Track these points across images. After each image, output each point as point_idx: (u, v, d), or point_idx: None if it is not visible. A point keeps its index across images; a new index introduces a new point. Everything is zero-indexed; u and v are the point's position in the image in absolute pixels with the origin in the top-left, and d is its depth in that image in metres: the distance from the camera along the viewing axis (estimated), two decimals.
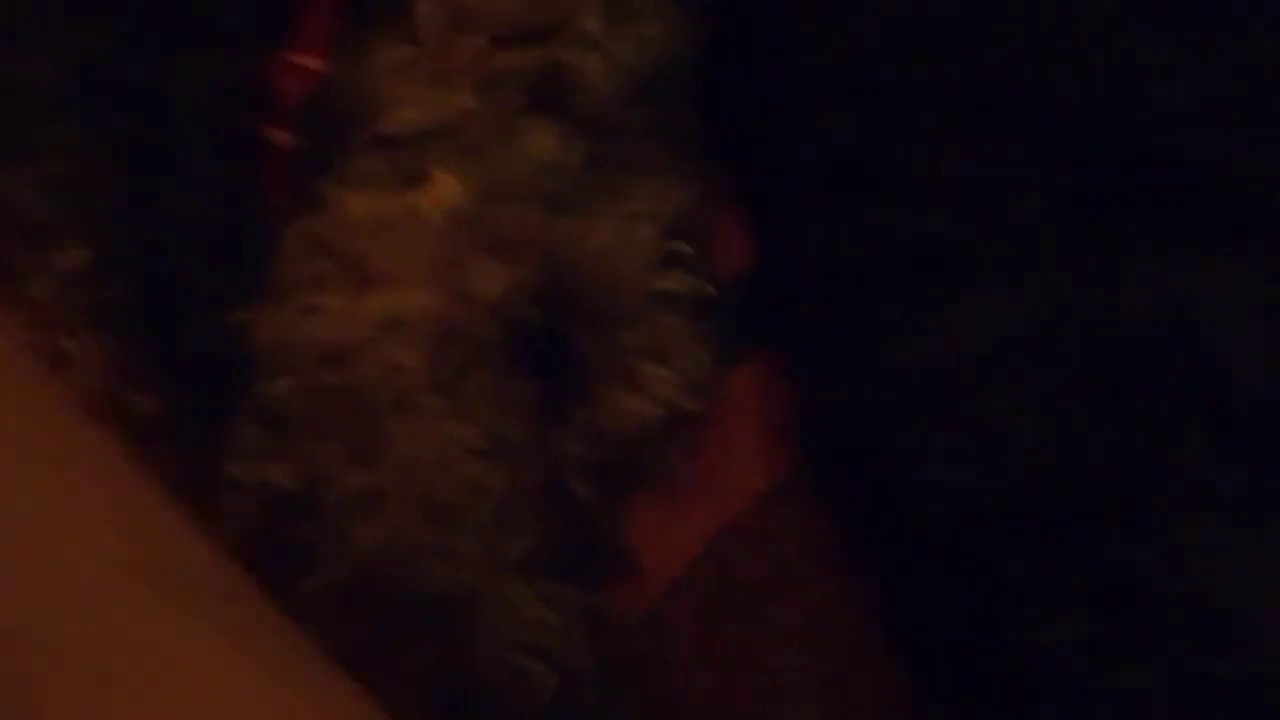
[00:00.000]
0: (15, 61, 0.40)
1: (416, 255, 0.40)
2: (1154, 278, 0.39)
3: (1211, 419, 0.38)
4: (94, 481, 0.37)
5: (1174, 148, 0.40)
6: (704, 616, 0.46)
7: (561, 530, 0.41)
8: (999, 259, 0.40)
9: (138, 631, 0.33)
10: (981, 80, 0.40)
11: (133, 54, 0.41)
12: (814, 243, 0.43)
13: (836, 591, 0.46)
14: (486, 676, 0.39)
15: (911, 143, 0.41)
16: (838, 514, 0.45)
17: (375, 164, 0.41)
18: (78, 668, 0.31)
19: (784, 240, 0.45)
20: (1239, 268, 0.39)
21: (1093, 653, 0.38)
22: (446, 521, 0.39)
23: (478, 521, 0.39)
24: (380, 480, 0.39)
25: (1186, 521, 0.38)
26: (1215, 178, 0.40)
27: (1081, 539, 0.38)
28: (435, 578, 0.39)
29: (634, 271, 0.41)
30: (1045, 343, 0.39)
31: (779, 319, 0.47)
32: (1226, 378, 0.38)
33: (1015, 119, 0.40)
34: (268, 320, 0.41)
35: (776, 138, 0.44)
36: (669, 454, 0.44)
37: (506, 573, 0.40)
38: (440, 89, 0.41)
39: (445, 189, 0.40)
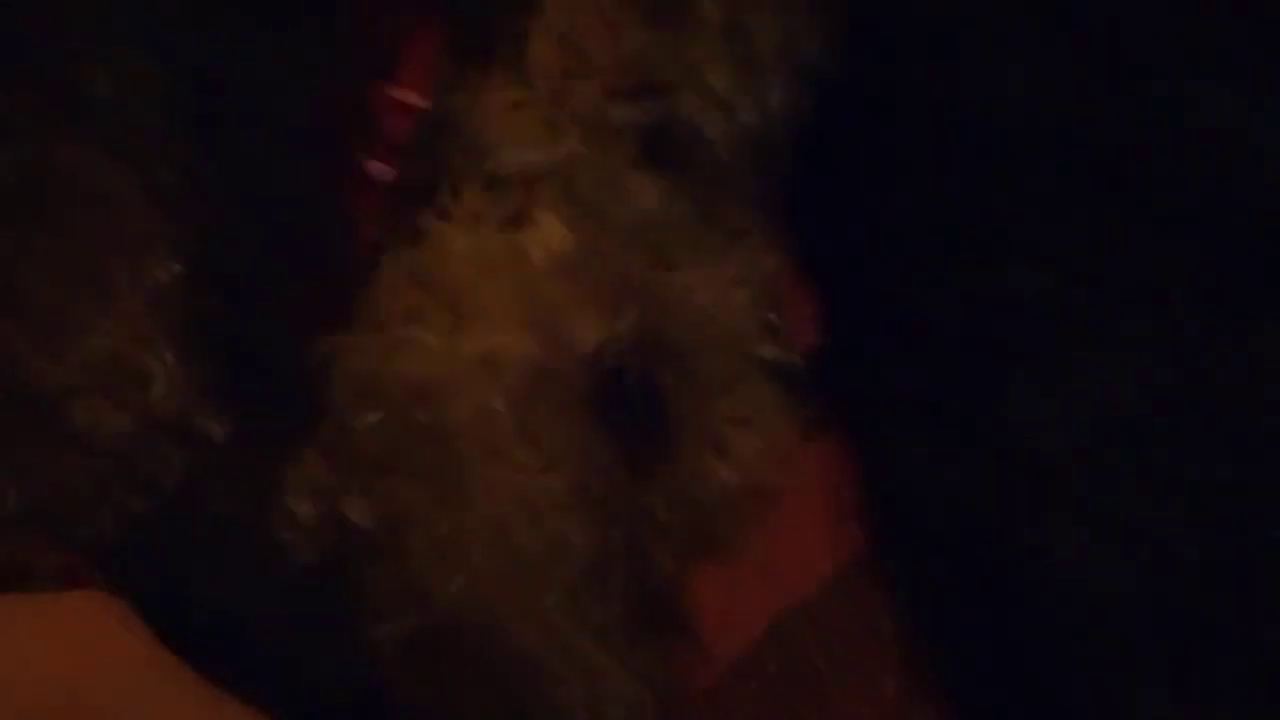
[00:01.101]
0: (131, 69, 0.38)
1: (516, 296, 0.39)
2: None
3: None
4: None
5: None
6: (764, 702, 0.44)
7: (639, 598, 0.39)
8: (1124, 324, 0.39)
9: None
10: (1107, 141, 0.40)
11: (243, 72, 0.40)
12: (916, 308, 0.42)
13: (902, 689, 0.44)
14: None
15: (1027, 203, 0.40)
16: (911, 603, 0.44)
17: (481, 202, 0.40)
18: None
19: (875, 309, 0.44)
20: None
21: None
22: (530, 578, 0.37)
23: (561, 581, 0.37)
24: (466, 527, 0.37)
25: None
26: None
27: (1227, 627, 0.37)
28: (513, 636, 0.37)
29: (732, 336, 0.40)
30: (1177, 414, 0.38)
31: (853, 395, 0.46)
32: None
33: (1139, 183, 0.40)
34: (357, 351, 0.39)
35: (876, 201, 0.44)
36: (742, 527, 0.42)
37: (585, 638, 0.38)
38: (551, 133, 0.40)
39: (551, 232, 0.39)
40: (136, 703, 0.32)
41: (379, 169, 0.41)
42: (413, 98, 0.42)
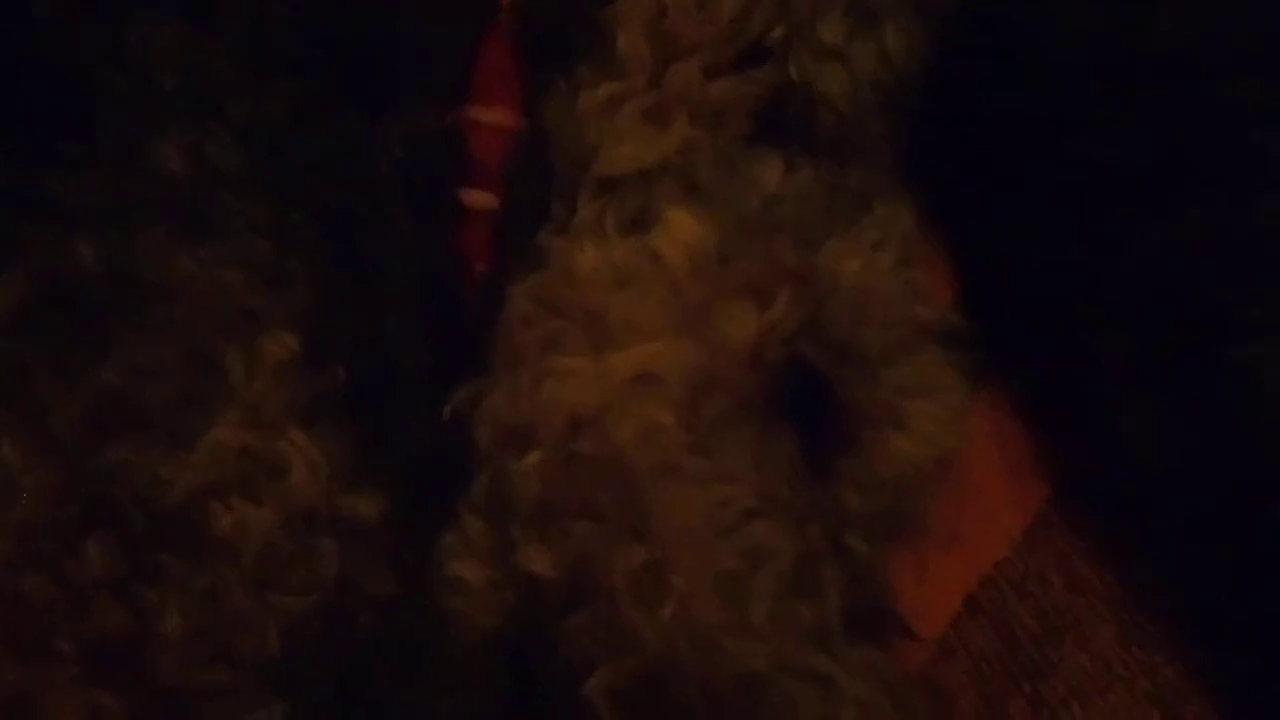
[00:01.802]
0: (200, 137, 0.35)
1: (660, 303, 0.35)
2: None
3: None
4: None
5: None
6: (981, 677, 0.41)
7: (847, 593, 0.36)
8: None
9: None
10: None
11: (318, 123, 0.36)
12: (1128, 242, 0.38)
13: (1123, 631, 0.41)
14: None
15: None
16: (1121, 543, 0.41)
17: (597, 209, 0.36)
18: None
19: (1036, 262, 0.41)
20: None
21: None
22: (735, 593, 0.34)
23: (767, 590, 0.34)
24: (658, 554, 0.34)
25: None
26: None
27: None
28: (732, 656, 0.33)
29: (887, 302, 0.37)
30: None
31: (1018, 348, 0.43)
32: None
33: None
34: (500, 393, 0.36)
35: (1020, 149, 0.40)
36: (929, 498, 0.39)
37: (804, 644, 0.34)
38: (657, 124, 0.37)
39: (683, 227, 0.36)
40: None
41: (478, 198, 0.38)
42: (497, 115, 0.38)
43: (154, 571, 0.34)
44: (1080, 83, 0.38)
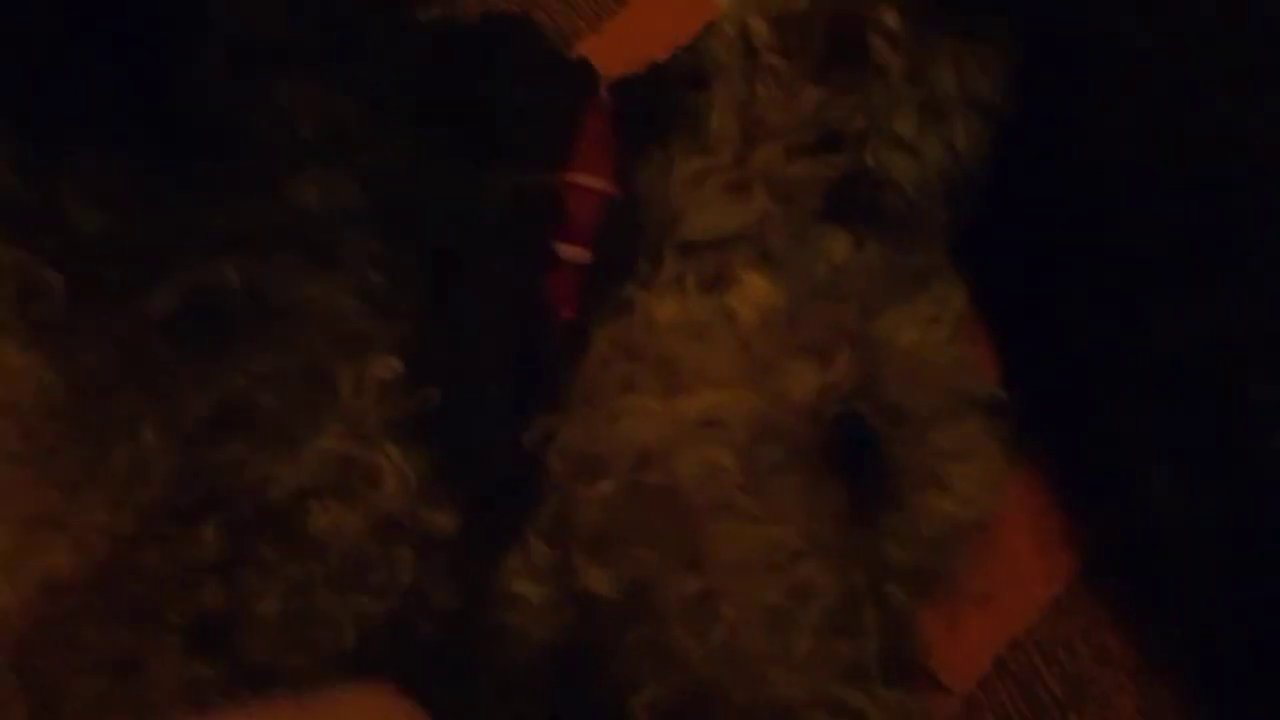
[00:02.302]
0: (330, 178, 0.40)
1: (729, 355, 0.39)
2: None
3: None
4: None
5: None
6: None
7: (882, 637, 0.39)
8: None
9: None
10: None
11: (432, 169, 0.41)
12: (1155, 329, 0.41)
13: (1146, 704, 0.43)
14: None
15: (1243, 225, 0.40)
16: (1148, 616, 0.43)
17: (679, 268, 0.40)
18: None
19: (1072, 341, 0.44)
20: None
21: None
22: (780, 625, 0.37)
23: (810, 626, 0.37)
24: (712, 584, 0.37)
25: None
26: None
27: None
28: (773, 686, 0.36)
29: (938, 373, 0.40)
30: None
31: (1056, 424, 0.45)
32: None
33: None
34: (576, 426, 0.39)
35: (1061, 236, 0.44)
36: (964, 559, 0.42)
37: (841, 681, 0.37)
38: (739, 196, 0.41)
39: (756, 289, 0.39)
40: None
41: (571, 252, 0.41)
42: (593, 180, 0.42)
43: (255, 559, 0.37)
44: (1120, 176, 0.42)
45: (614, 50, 0.48)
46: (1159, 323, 0.41)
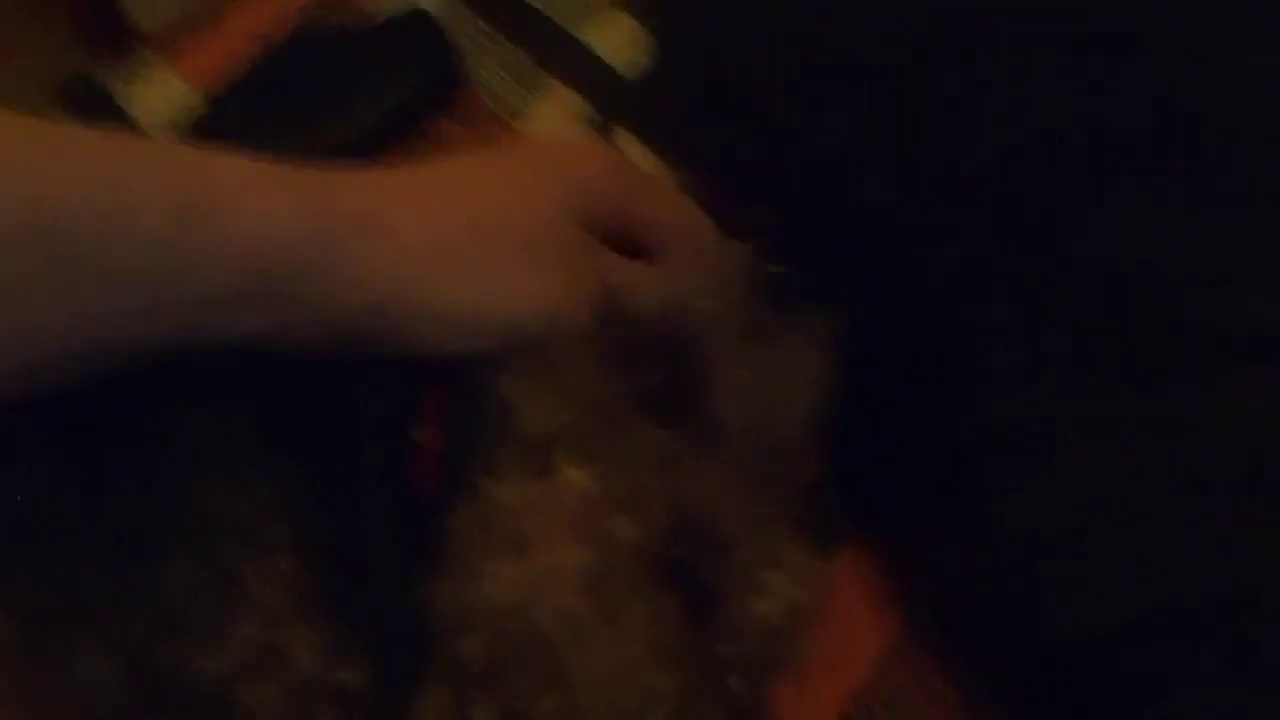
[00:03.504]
0: (221, 420, 0.47)
1: (562, 524, 0.46)
2: (1213, 399, 0.45)
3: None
4: None
5: (1195, 302, 0.47)
6: None
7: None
8: (1077, 420, 0.46)
9: None
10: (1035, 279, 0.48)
11: (308, 391, 0.48)
12: (918, 434, 0.49)
13: None
14: None
15: (991, 341, 0.48)
16: (963, 659, 0.51)
17: (515, 460, 0.47)
18: None
19: (880, 438, 0.52)
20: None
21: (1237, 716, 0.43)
22: None
23: None
24: (573, 700, 0.44)
25: None
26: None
27: (1196, 627, 0.44)
28: None
29: (740, 505, 0.48)
30: (1134, 478, 0.45)
31: (871, 507, 0.53)
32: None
33: (1066, 306, 0.48)
34: (447, 590, 0.47)
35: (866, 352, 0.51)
36: (796, 639, 0.50)
37: None
38: (556, 400, 0.48)
39: (574, 480, 0.47)
40: None
41: (425, 437, 0.49)
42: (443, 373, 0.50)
43: None
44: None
45: None
46: (924, 424, 0.49)
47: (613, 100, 0.51)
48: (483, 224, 0.46)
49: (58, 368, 0.40)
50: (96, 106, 0.66)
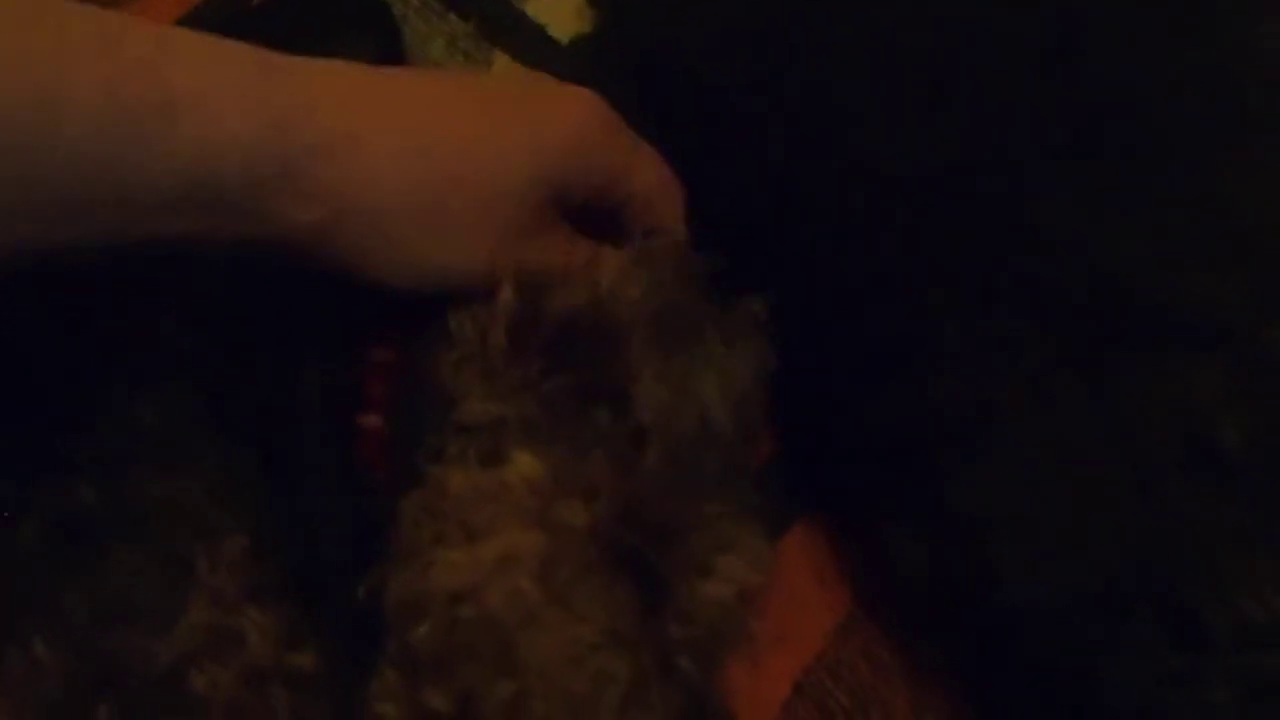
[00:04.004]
0: (167, 394, 0.47)
1: (511, 510, 0.46)
2: (1154, 381, 0.46)
3: (1225, 486, 0.45)
4: None
5: (1135, 286, 0.47)
6: None
7: (677, 703, 0.47)
8: (1023, 402, 0.47)
9: None
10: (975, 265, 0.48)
11: (258, 375, 0.48)
12: (867, 416, 0.50)
13: (915, 702, 0.52)
14: None
15: (940, 325, 0.48)
16: (910, 633, 0.52)
17: (462, 447, 0.47)
18: None
19: (829, 420, 0.52)
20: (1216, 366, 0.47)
21: (1169, 687, 0.44)
22: (585, 710, 0.45)
23: (610, 705, 0.45)
24: (524, 684, 0.45)
25: (1233, 564, 0.44)
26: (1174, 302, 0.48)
27: (1138, 599, 0.44)
28: None
29: (682, 493, 0.48)
30: (1078, 458, 0.46)
31: (820, 487, 0.54)
32: (1231, 448, 0.45)
33: (1012, 291, 0.48)
34: (398, 579, 0.47)
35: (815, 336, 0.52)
36: (748, 619, 0.50)
37: None
38: (500, 387, 0.48)
39: (524, 466, 0.47)
40: None
41: (371, 422, 0.49)
42: (385, 354, 0.50)
43: None
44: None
45: None
46: (876, 407, 0.49)
47: (558, 74, 0.50)
48: (454, 171, 0.43)
49: None
50: None
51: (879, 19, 0.52)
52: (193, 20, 0.66)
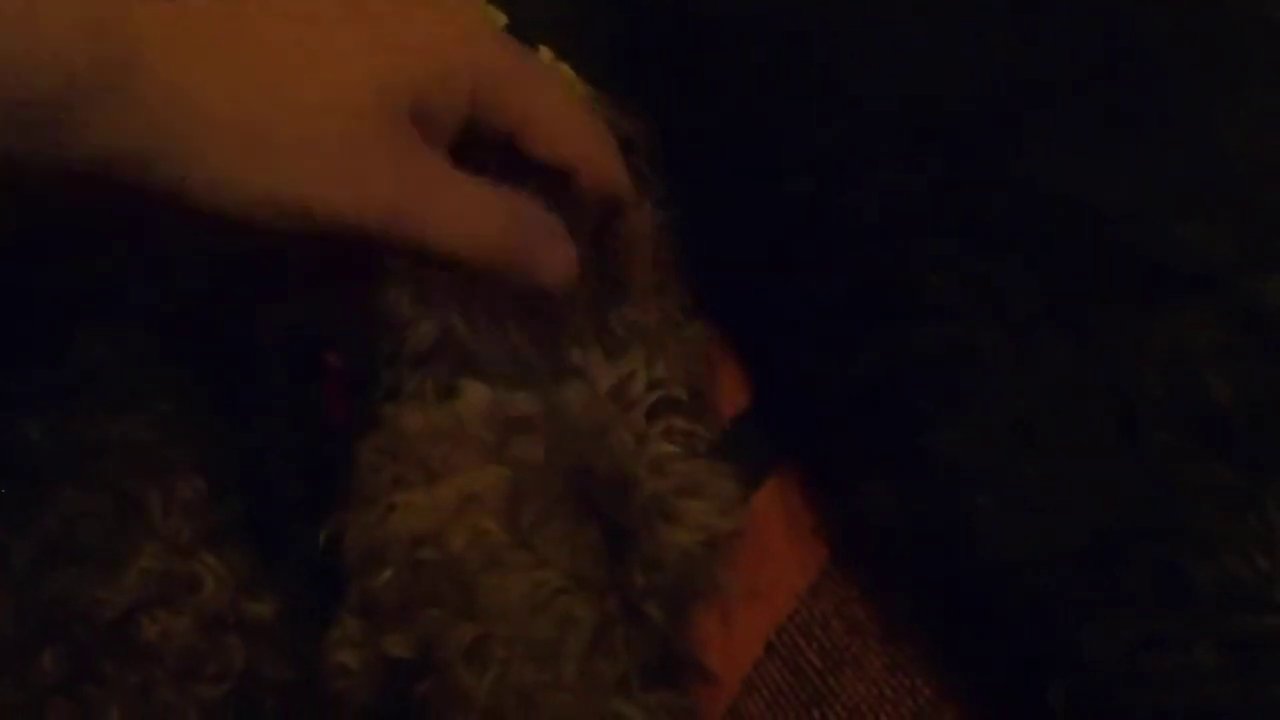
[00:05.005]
0: (118, 330, 0.45)
1: (470, 447, 0.45)
2: (1143, 331, 0.45)
3: (1214, 441, 0.44)
4: None
5: (1126, 233, 0.46)
6: (778, 707, 0.50)
7: (643, 649, 0.45)
8: (1008, 350, 0.46)
9: None
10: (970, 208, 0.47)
11: (213, 313, 0.46)
12: (846, 363, 0.48)
13: (890, 660, 0.50)
14: None
15: (923, 271, 0.47)
16: (884, 590, 0.50)
17: (418, 381, 0.46)
18: None
19: (807, 368, 0.50)
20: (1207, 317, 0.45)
21: (1151, 646, 0.43)
22: (548, 656, 0.43)
23: (575, 652, 0.43)
24: (487, 629, 0.43)
25: (1219, 522, 0.43)
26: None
27: (1121, 556, 0.43)
28: (548, 709, 0.43)
29: (633, 433, 0.46)
30: (1063, 409, 0.45)
31: (796, 438, 0.52)
32: (1221, 403, 0.44)
33: (999, 236, 0.47)
34: (358, 524, 0.45)
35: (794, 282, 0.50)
36: (717, 570, 0.49)
37: (607, 694, 0.44)
38: (442, 313, 0.46)
39: (476, 398, 0.45)
40: None
41: (332, 358, 0.47)
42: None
43: (97, 674, 0.43)
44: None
45: None
46: (854, 353, 0.48)
47: (533, 20, 0.48)
48: (270, 78, 0.37)
49: None
50: None
51: None
52: None
